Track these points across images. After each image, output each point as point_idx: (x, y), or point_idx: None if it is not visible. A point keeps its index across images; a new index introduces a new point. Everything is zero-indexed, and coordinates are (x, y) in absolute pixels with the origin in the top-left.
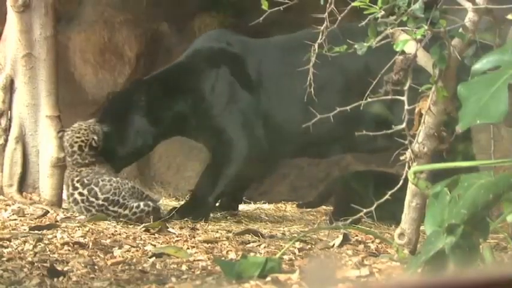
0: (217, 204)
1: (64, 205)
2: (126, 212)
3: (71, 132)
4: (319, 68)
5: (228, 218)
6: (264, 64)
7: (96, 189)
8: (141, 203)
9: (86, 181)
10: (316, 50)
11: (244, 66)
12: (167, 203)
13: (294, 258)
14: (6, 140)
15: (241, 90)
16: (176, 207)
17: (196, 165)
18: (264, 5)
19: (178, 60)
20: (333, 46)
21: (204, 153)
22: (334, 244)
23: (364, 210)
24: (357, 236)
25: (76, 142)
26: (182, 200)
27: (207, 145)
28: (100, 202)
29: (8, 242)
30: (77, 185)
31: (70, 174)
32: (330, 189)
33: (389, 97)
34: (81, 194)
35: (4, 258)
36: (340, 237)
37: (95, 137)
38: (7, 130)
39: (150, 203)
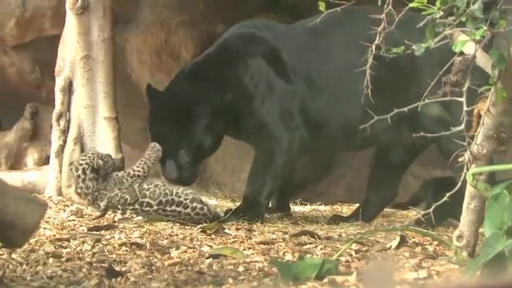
0: (269, 205)
1: None
2: (188, 211)
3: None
4: (361, 57)
5: (284, 219)
6: (298, 49)
7: (146, 199)
8: (205, 206)
9: (129, 199)
10: (374, 51)
11: (277, 51)
12: (223, 204)
13: (350, 260)
14: (64, 141)
15: (276, 77)
16: (232, 209)
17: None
18: (321, 6)
19: (207, 51)
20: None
21: None
22: (391, 246)
23: (422, 212)
24: (414, 238)
25: (81, 164)
26: (238, 202)
27: (247, 141)
28: (155, 207)
29: (66, 243)
30: (124, 207)
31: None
32: (422, 193)
33: (447, 98)
34: (133, 209)
35: (63, 259)
36: (398, 239)
37: (100, 161)
38: (66, 131)
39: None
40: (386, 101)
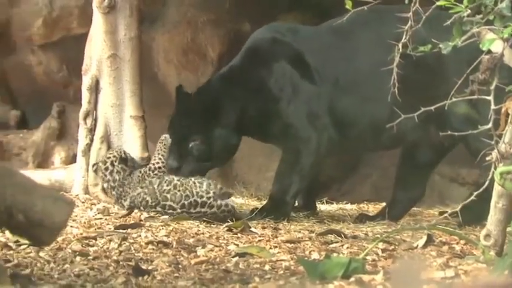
0: (296, 203)
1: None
2: (214, 210)
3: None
4: (388, 56)
5: (311, 218)
6: (323, 50)
7: (168, 203)
8: (228, 202)
9: (150, 201)
10: (401, 50)
11: (300, 53)
12: (249, 203)
13: (377, 259)
14: (91, 140)
15: (300, 79)
16: (258, 208)
17: (277, 166)
18: (348, 5)
19: (234, 61)
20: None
21: None
22: (418, 245)
23: (449, 211)
24: (441, 237)
25: (109, 157)
26: (264, 200)
27: (275, 143)
28: (179, 211)
29: (93, 241)
30: (146, 208)
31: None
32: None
33: (475, 97)
34: (156, 211)
35: (90, 257)
36: (424, 238)
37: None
38: (92, 130)
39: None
40: (414, 100)
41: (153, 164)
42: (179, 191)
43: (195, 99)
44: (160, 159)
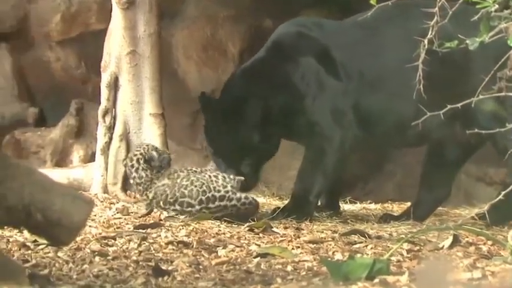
0: (318, 203)
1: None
2: (234, 202)
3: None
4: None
5: (334, 217)
6: (348, 45)
7: (186, 199)
8: (249, 196)
9: (169, 196)
10: (426, 46)
11: (326, 48)
12: (270, 203)
13: (402, 259)
14: (110, 138)
15: (326, 75)
16: (279, 207)
17: (299, 165)
18: (372, 0)
19: (258, 55)
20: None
21: None
22: (444, 246)
23: (476, 211)
24: (467, 237)
25: (135, 155)
26: (286, 200)
27: (299, 141)
28: (198, 207)
29: (113, 241)
30: (166, 205)
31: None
32: None
33: (503, 94)
34: (174, 210)
35: (109, 257)
36: (450, 238)
37: (153, 153)
38: (111, 128)
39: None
40: (440, 97)
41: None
42: (195, 186)
43: (220, 103)
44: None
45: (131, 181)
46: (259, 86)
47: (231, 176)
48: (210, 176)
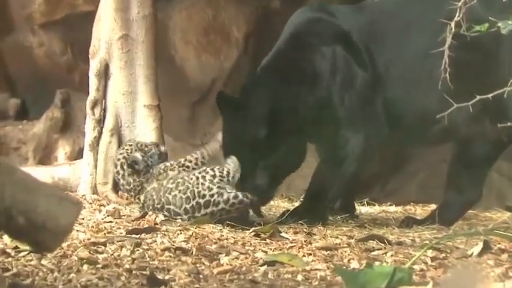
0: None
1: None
2: (221, 206)
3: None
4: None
5: (349, 221)
6: (370, 31)
7: (171, 207)
8: (239, 193)
9: (156, 201)
10: (453, 29)
11: (351, 36)
12: (278, 204)
13: (426, 268)
14: (100, 133)
15: (354, 65)
16: (289, 210)
17: (312, 162)
18: None
19: (278, 48)
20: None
21: None
22: (472, 253)
23: (509, 214)
24: (499, 243)
25: (119, 159)
26: (296, 202)
27: (317, 139)
28: (185, 217)
29: (103, 247)
30: (155, 211)
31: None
32: None
33: None
34: (164, 215)
35: (99, 265)
36: (480, 244)
37: (137, 155)
38: (101, 121)
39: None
40: (468, 88)
41: (185, 161)
42: (179, 191)
43: (240, 104)
44: (194, 160)
45: (121, 187)
46: (284, 84)
47: (225, 170)
48: (197, 177)
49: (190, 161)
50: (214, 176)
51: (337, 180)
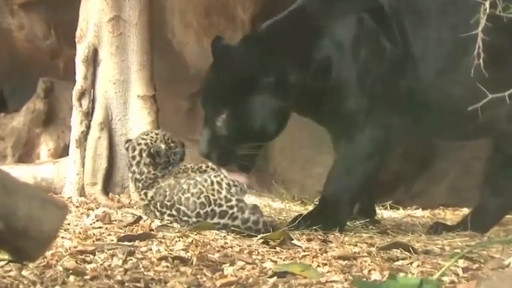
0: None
1: None
2: (237, 223)
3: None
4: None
5: (370, 227)
6: (406, 5)
7: (182, 207)
8: (260, 219)
9: (167, 197)
10: (487, 10)
11: (381, 6)
12: (290, 208)
13: (456, 280)
14: (88, 127)
15: (382, 39)
16: (302, 214)
17: (328, 159)
18: None
19: (296, 4)
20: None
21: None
22: (510, 263)
23: None
24: None
25: (139, 143)
26: (310, 205)
27: (333, 130)
28: (194, 220)
29: (91, 256)
30: (163, 209)
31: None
32: None
33: None
34: (171, 215)
35: (87, 276)
36: None
37: (161, 146)
38: (89, 114)
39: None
40: (505, 77)
41: (207, 167)
42: (192, 194)
43: (240, 52)
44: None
45: (129, 174)
46: (288, 47)
47: (236, 182)
48: (211, 182)
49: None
50: (230, 186)
51: (356, 179)
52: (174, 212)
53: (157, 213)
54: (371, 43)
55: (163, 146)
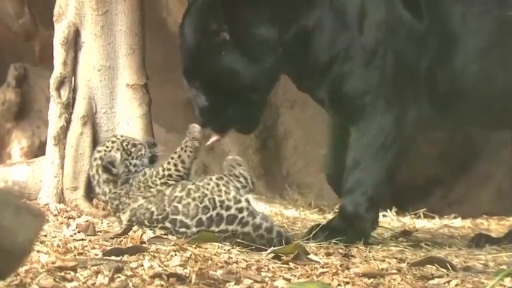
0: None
1: None
2: (247, 229)
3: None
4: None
5: (400, 239)
6: None
7: (179, 217)
8: (274, 227)
9: (156, 213)
10: None
11: None
12: (306, 217)
13: None
14: (68, 121)
15: (398, 10)
16: (320, 224)
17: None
18: None
19: None
20: None
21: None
22: None
23: None
24: None
25: (95, 159)
26: (329, 213)
27: (338, 116)
28: (194, 230)
29: (72, 273)
30: (152, 224)
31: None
32: None
33: None
34: (164, 228)
35: None
36: None
37: (115, 155)
38: (70, 106)
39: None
40: None
41: (164, 170)
42: (194, 199)
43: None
44: (175, 164)
45: (98, 197)
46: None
47: (241, 176)
48: (216, 184)
49: (169, 169)
50: (238, 188)
51: (375, 178)
52: (168, 225)
53: (146, 229)
54: (388, 13)
55: (117, 155)
